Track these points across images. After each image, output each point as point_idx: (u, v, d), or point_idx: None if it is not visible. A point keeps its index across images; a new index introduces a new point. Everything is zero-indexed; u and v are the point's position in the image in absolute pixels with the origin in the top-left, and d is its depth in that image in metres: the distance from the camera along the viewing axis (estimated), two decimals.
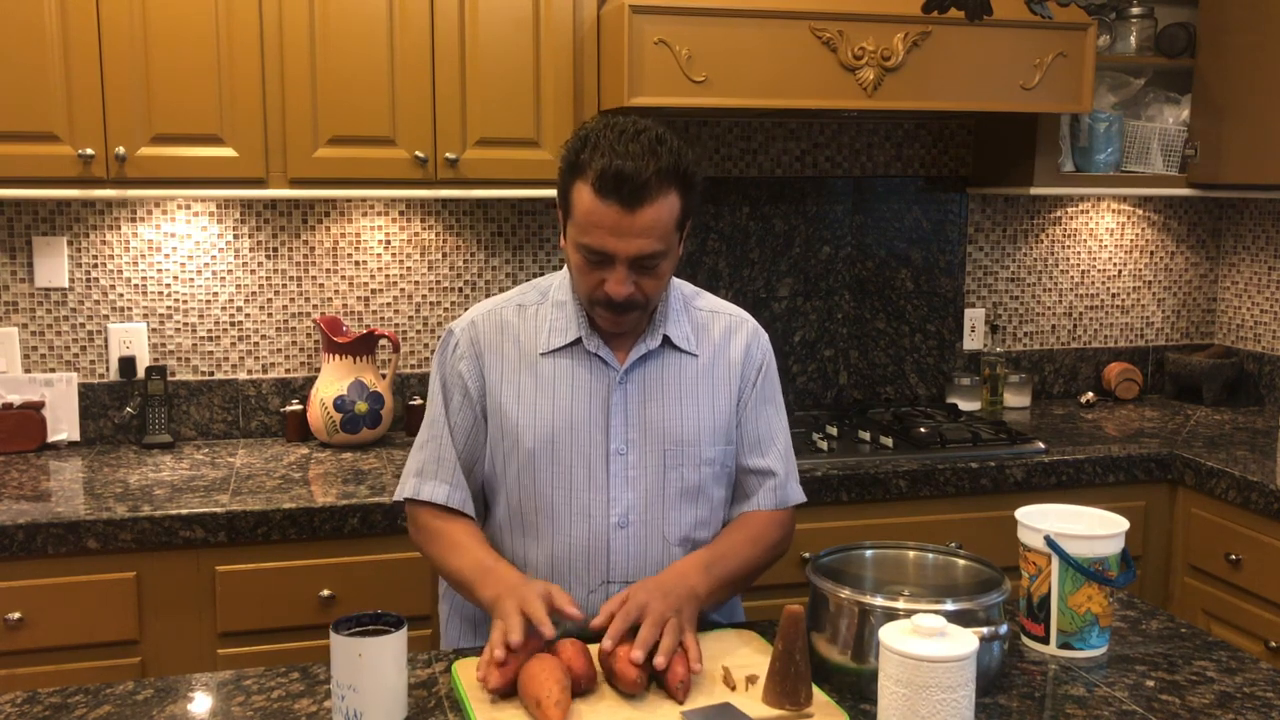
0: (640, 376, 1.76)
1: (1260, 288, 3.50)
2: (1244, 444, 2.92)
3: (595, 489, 1.73)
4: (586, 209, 1.62)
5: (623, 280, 1.64)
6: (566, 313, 1.76)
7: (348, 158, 2.60)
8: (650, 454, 1.75)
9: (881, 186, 3.31)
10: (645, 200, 1.59)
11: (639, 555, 1.74)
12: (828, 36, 2.64)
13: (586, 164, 1.61)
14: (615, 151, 1.59)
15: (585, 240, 1.63)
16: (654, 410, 1.75)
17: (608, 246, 1.62)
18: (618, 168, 1.58)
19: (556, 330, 1.76)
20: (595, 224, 1.61)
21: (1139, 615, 1.81)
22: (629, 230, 1.60)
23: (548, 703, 1.37)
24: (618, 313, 1.69)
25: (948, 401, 3.30)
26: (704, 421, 1.77)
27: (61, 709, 1.48)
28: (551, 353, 1.76)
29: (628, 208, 1.59)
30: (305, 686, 1.54)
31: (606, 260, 1.64)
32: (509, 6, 2.64)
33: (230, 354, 2.93)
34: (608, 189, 1.59)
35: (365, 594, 2.37)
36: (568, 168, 1.65)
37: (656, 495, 1.75)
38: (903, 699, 1.30)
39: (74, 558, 2.26)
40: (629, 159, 1.58)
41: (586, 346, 1.74)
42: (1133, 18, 3.27)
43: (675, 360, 1.78)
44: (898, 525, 2.64)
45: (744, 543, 1.79)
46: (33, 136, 2.44)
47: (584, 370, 1.75)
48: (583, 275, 1.68)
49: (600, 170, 1.59)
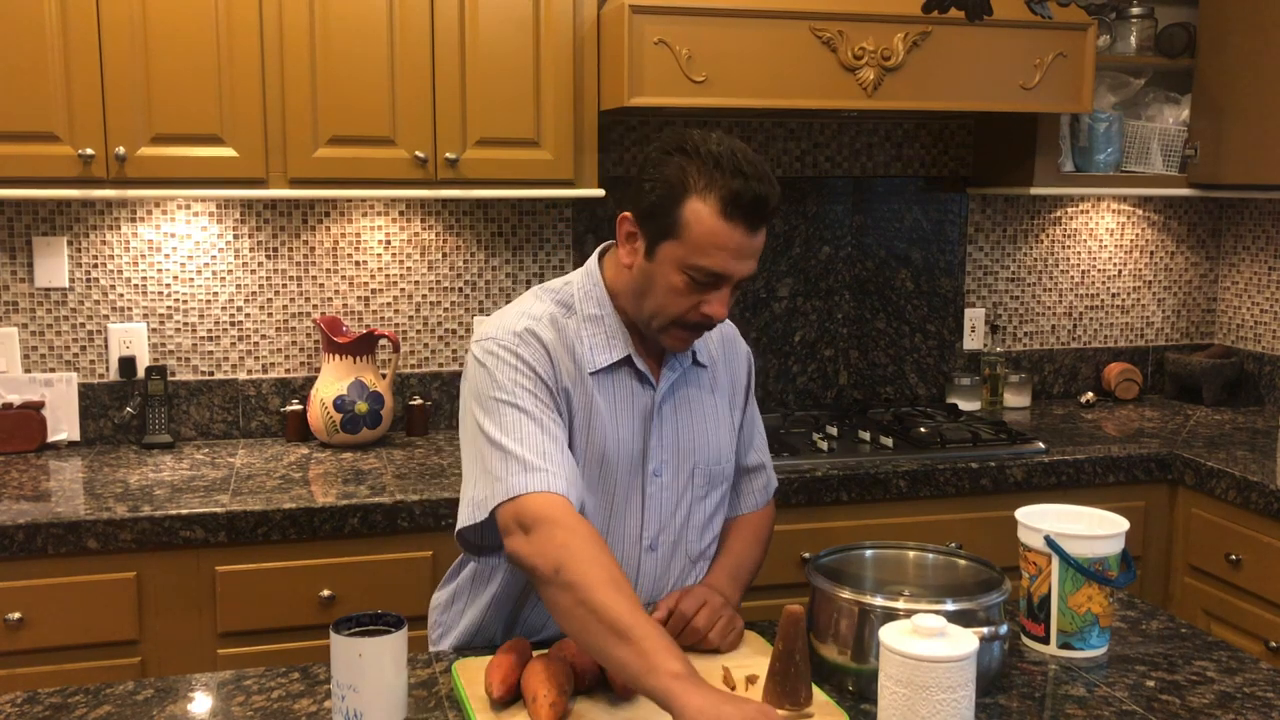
0: (673, 396, 1.74)
1: (1260, 288, 3.50)
2: (1244, 444, 2.92)
3: (631, 512, 1.70)
4: (709, 230, 1.54)
5: (726, 301, 1.59)
6: (605, 328, 1.68)
7: (348, 158, 2.60)
8: (680, 474, 1.74)
9: (881, 186, 3.31)
10: (765, 223, 1.57)
11: (663, 576, 1.74)
12: (828, 36, 2.64)
13: (708, 185, 1.53)
14: (743, 174, 1.53)
15: (704, 263, 1.55)
16: (684, 430, 1.74)
17: (730, 270, 1.56)
18: (754, 191, 1.53)
19: (599, 347, 1.67)
20: (720, 246, 1.54)
21: (1139, 615, 1.81)
22: (749, 252, 1.57)
23: (543, 703, 1.38)
24: (697, 332, 1.65)
25: (948, 401, 3.30)
26: (721, 437, 1.78)
27: (61, 709, 1.48)
28: (597, 371, 1.67)
29: (751, 231, 1.55)
30: (305, 686, 1.54)
31: (717, 282, 1.57)
32: (509, 6, 2.64)
33: (230, 354, 2.93)
34: (739, 212, 1.53)
35: (365, 594, 2.37)
36: (674, 185, 1.55)
37: (683, 516, 1.74)
38: (903, 699, 1.30)
39: (74, 558, 2.26)
40: (761, 182, 1.54)
41: (637, 365, 1.68)
42: (1133, 18, 3.27)
43: (695, 375, 1.78)
44: (898, 525, 2.65)
45: (752, 544, 1.85)
46: (33, 136, 2.44)
47: (627, 390, 1.69)
48: (680, 297, 1.59)
49: (735, 192, 1.52)
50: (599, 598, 1.37)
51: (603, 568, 1.40)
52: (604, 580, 1.38)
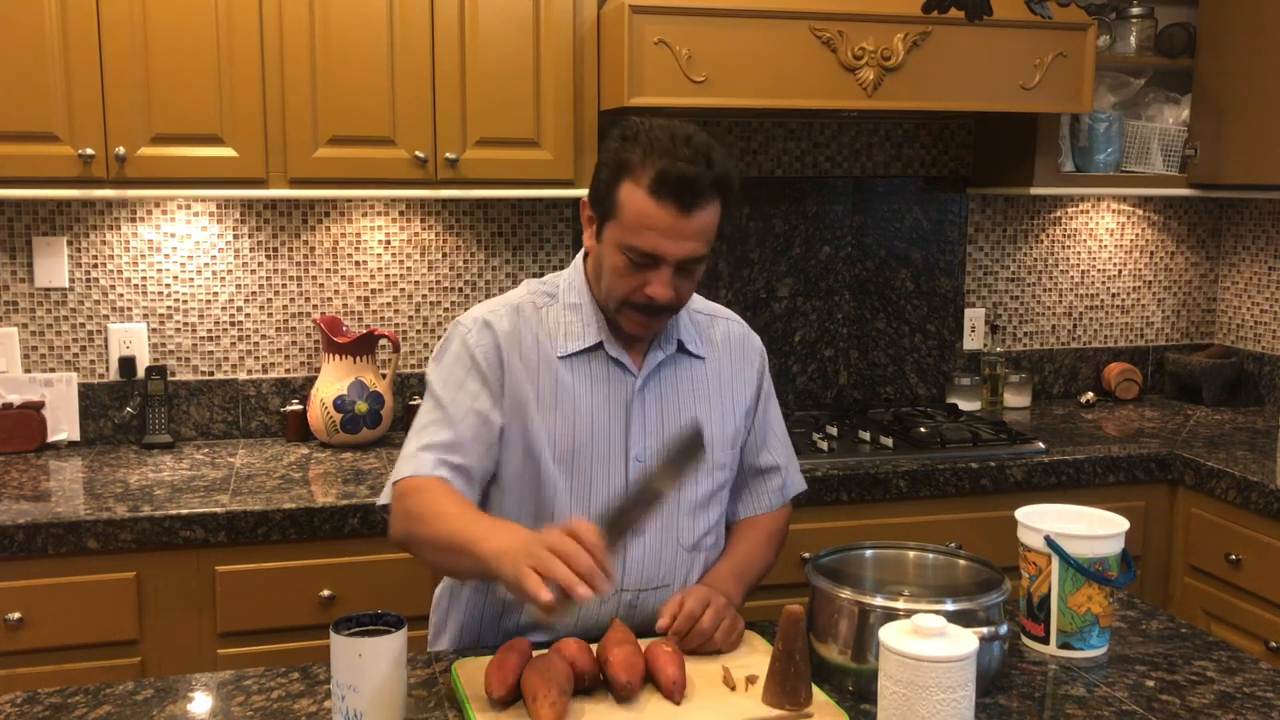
0: (657, 382, 1.75)
1: (1260, 288, 3.50)
2: (1244, 444, 2.92)
3: (615, 496, 1.71)
4: (639, 210, 1.59)
5: (667, 283, 1.62)
6: (582, 315, 1.73)
7: (348, 158, 2.60)
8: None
9: (881, 186, 3.31)
10: (700, 204, 1.59)
11: (653, 563, 1.74)
12: (828, 36, 2.64)
13: (639, 165, 1.58)
14: (674, 154, 1.57)
15: (635, 242, 1.60)
16: (671, 417, 1.75)
17: (660, 249, 1.59)
18: (680, 170, 1.56)
19: (573, 334, 1.72)
20: (649, 226, 1.58)
21: (1139, 615, 1.81)
22: (682, 233, 1.59)
23: (543, 703, 1.38)
24: (651, 315, 1.67)
25: (948, 401, 3.30)
26: (715, 427, 1.78)
27: (61, 709, 1.48)
28: (569, 356, 1.71)
29: (684, 211, 1.58)
30: (305, 686, 1.54)
31: (653, 263, 1.61)
32: (509, 6, 2.64)
33: (230, 354, 2.93)
34: (666, 191, 1.57)
35: (365, 594, 2.37)
36: (613, 167, 1.62)
37: (673, 503, 1.74)
38: (903, 699, 1.30)
39: (74, 558, 2.26)
40: (689, 162, 1.56)
41: (608, 351, 1.72)
42: (1133, 18, 3.27)
43: (688, 365, 1.78)
44: (898, 525, 2.64)
45: (762, 544, 1.85)
46: (33, 136, 2.44)
47: (603, 376, 1.72)
48: (622, 277, 1.64)
49: (660, 172, 1.56)
50: (435, 530, 1.55)
51: (432, 507, 1.57)
52: (435, 514, 1.56)
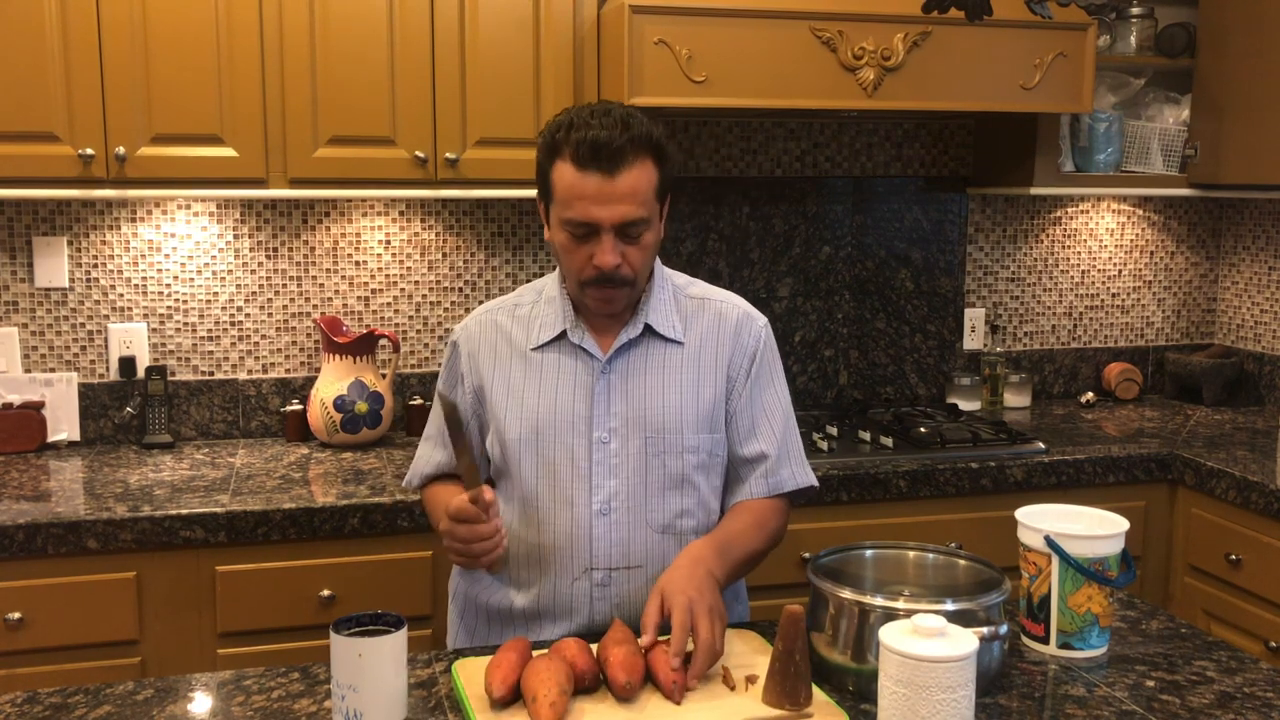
0: (623, 365, 1.78)
1: (1260, 288, 3.50)
2: (1244, 444, 2.92)
3: (578, 478, 1.75)
4: (568, 183, 1.67)
5: (610, 249, 1.67)
6: (555, 308, 1.81)
7: (348, 158, 2.60)
8: (632, 442, 1.76)
9: (881, 186, 3.31)
10: (623, 165, 1.65)
11: (621, 542, 1.75)
12: (828, 36, 2.64)
13: (563, 142, 1.67)
14: (589, 125, 1.65)
15: (570, 214, 1.68)
16: (636, 399, 1.77)
17: (592, 215, 1.66)
18: (594, 137, 1.64)
19: (546, 325, 1.81)
20: (578, 195, 1.66)
21: (1139, 615, 1.81)
22: (611, 196, 1.65)
23: (543, 703, 1.38)
24: (608, 287, 1.71)
25: (948, 401, 3.30)
26: (686, 410, 1.78)
27: (61, 709, 1.48)
28: (540, 347, 1.80)
29: (608, 174, 1.65)
30: (305, 686, 1.54)
31: (592, 232, 1.68)
32: (509, 6, 2.64)
33: (230, 354, 2.93)
34: (586, 159, 1.64)
35: (365, 594, 2.37)
36: (545, 152, 1.71)
37: (639, 483, 1.76)
38: (903, 699, 1.30)
39: (74, 558, 2.26)
40: (603, 129, 1.65)
41: (570, 338, 1.78)
42: (1133, 18, 3.27)
43: (660, 349, 1.80)
44: (898, 525, 2.65)
45: (750, 527, 1.80)
46: (33, 136, 2.44)
47: (569, 362, 1.79)
48: (570, 254, 1.71)
49: (577, 143, 1.65)
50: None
51: (429, 508, 1.89)
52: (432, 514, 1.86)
